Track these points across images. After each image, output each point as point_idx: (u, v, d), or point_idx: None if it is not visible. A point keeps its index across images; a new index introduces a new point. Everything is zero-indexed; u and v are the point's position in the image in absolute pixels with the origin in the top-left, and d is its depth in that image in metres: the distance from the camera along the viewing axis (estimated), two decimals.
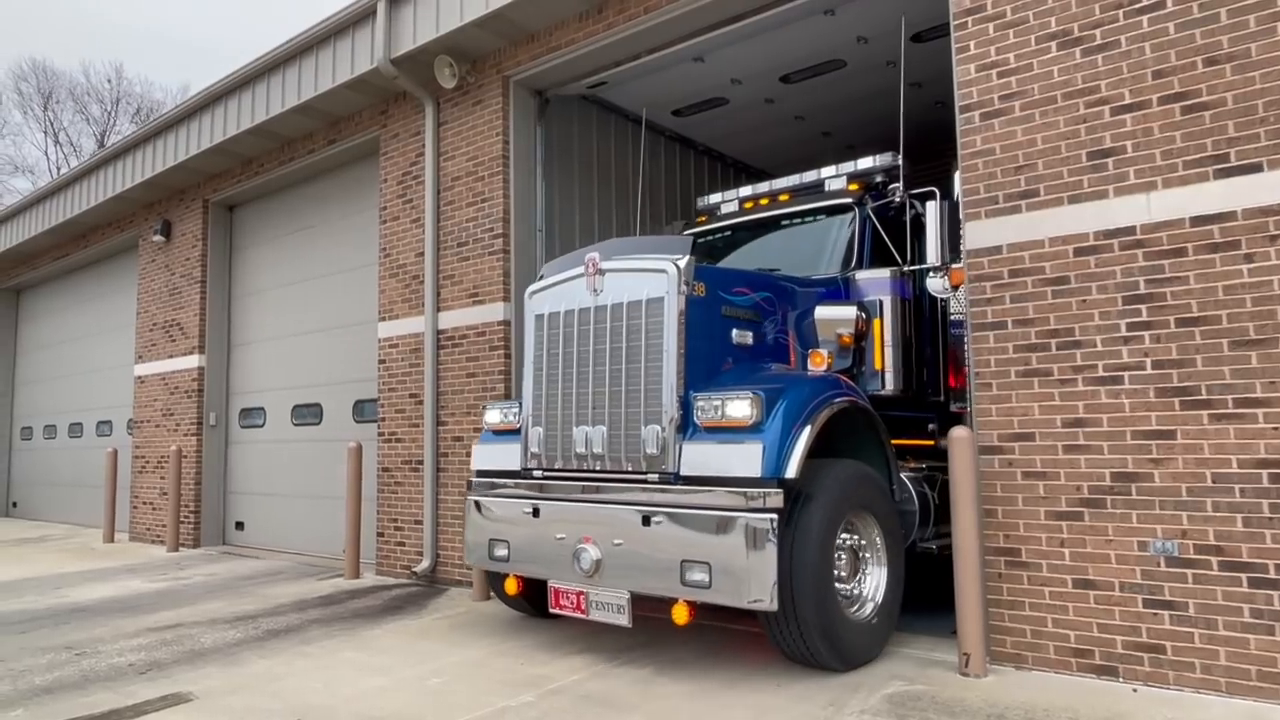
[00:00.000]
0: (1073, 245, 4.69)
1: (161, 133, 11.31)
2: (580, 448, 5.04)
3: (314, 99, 8.95)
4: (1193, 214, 4.36)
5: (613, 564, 4.65)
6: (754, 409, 4.38)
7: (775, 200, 6.65)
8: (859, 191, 6.14)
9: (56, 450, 15.58)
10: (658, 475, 4.65)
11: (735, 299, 5.18)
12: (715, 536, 4.29)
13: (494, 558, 5.36)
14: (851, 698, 4.25)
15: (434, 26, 7.64)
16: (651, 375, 4.77)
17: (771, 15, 6.60)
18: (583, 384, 5.08)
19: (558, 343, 5.26)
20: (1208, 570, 4.20)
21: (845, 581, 4.72)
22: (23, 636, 6.14)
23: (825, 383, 4.90)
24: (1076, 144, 4.72)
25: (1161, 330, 4.41)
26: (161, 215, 12.22)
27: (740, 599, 4.22)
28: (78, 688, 4.82)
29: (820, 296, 5.73)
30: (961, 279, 5.27)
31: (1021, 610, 4.70)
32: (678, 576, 4.36)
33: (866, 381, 5.61)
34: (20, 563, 10.15)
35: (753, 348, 5.24)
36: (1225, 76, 4.31)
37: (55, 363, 15.92)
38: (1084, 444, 4.59)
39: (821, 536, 4.37)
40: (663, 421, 4.68)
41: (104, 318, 14.45)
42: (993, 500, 4.83)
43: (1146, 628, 4.34)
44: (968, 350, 5.10)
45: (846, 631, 4.52)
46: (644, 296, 4.85)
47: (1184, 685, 4.21)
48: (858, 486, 4.78)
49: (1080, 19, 4.74)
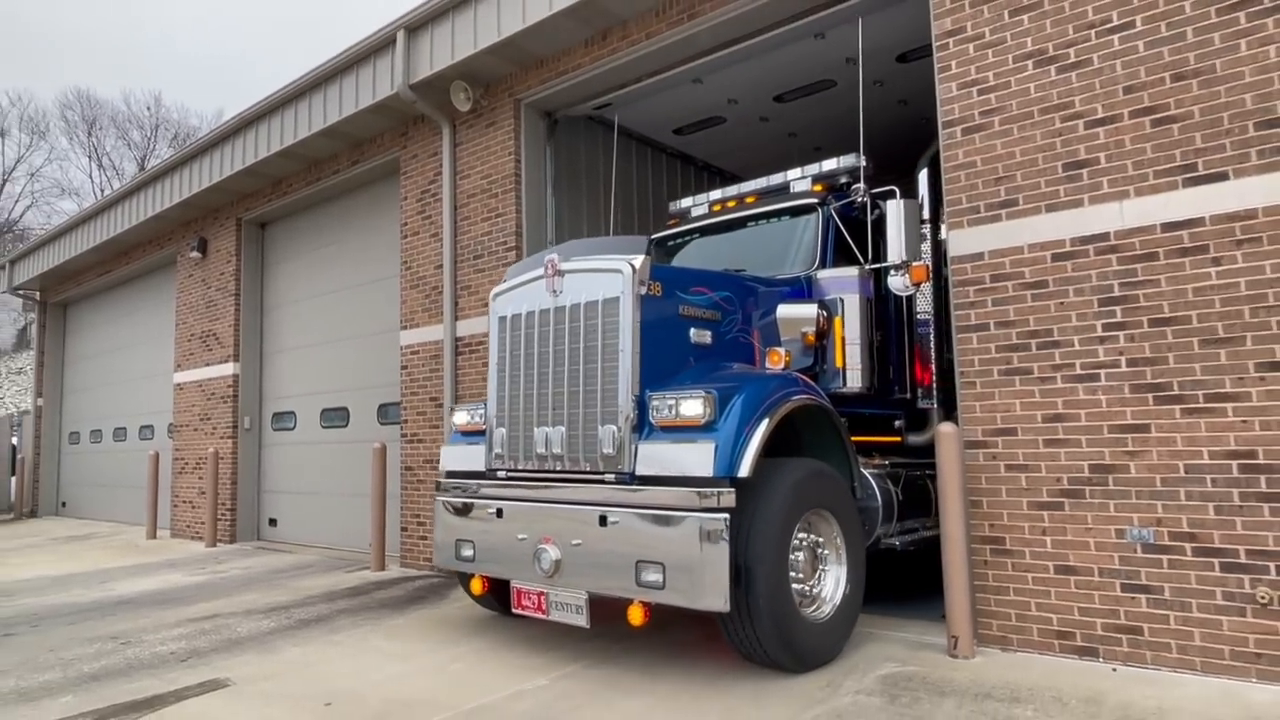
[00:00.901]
0: (1050, 251, 4.69)
1: (197, 156, 11.38)
2: (541, 448, 4.83)
3: (338, 123, 9.00)
4: (1163, 220, 4.35)
5: (571, 564, 4.43)
6: (707, 407, 4.18)
7: (742, 202, 6.41)
8: (823, 192, 5.93)
9: (102, 453, 15.64)
10: (614, 475, 4.42)
11: (693, 298, 4.94)
12: (668, 537, 4.06)
13: (460, 558, 5.13)
14: (846, 679, 4.25)
15: (449, 54, 7.68)
16: (608, 375, 4.56)
17: (765, 39, 6.62)
18: (543, 385, 4.87)
19: (520, 344, 5.06)
20: (1182, 556, 4.19)
21: (803, 581, 4.44)
22: (72, 627, 6.16)
23: (781, 380, 4.68)
24: (1053, 156, 4.71)
25: (1135, 330, 4.40)
26: (198, 233, 12.28)
27: (693, 600, 3.96)
28: (123, 675, 4.84)
29: (783, 296, 5.51)
30: (922, 276, 5.20)
31: (1006, 595, 4.69)
32: (633, 577, 4.13)
33: (828, 380, 5.37)
34: (69, 559, 10.20)
35: (712, 347, 4.98)
36: (1192, 91, 4.31)
37: (100, 372, 16.00)
38: (1063, 438, 4.58)
39: (777, 536, 4.13)
40: (619, 421, 4.46)
41: (145, 329, 14.52)
42: (978, 492, 4.82)
43: (1125, 610, 4.32)
44: (955, 351, 5.07)
45: (803, 633, 4.27)
46: (600, 296, 4.64)
47: (1161, 665, 4.20)
48: (815, 484, 4.53)
49: (1055, 38, 4.74)
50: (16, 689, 4.62)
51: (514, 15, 7.15)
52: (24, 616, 6.64)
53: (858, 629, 5.20)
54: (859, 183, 5.75)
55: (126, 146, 48.33)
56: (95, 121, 47.67)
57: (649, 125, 8.93)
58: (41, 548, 11.55)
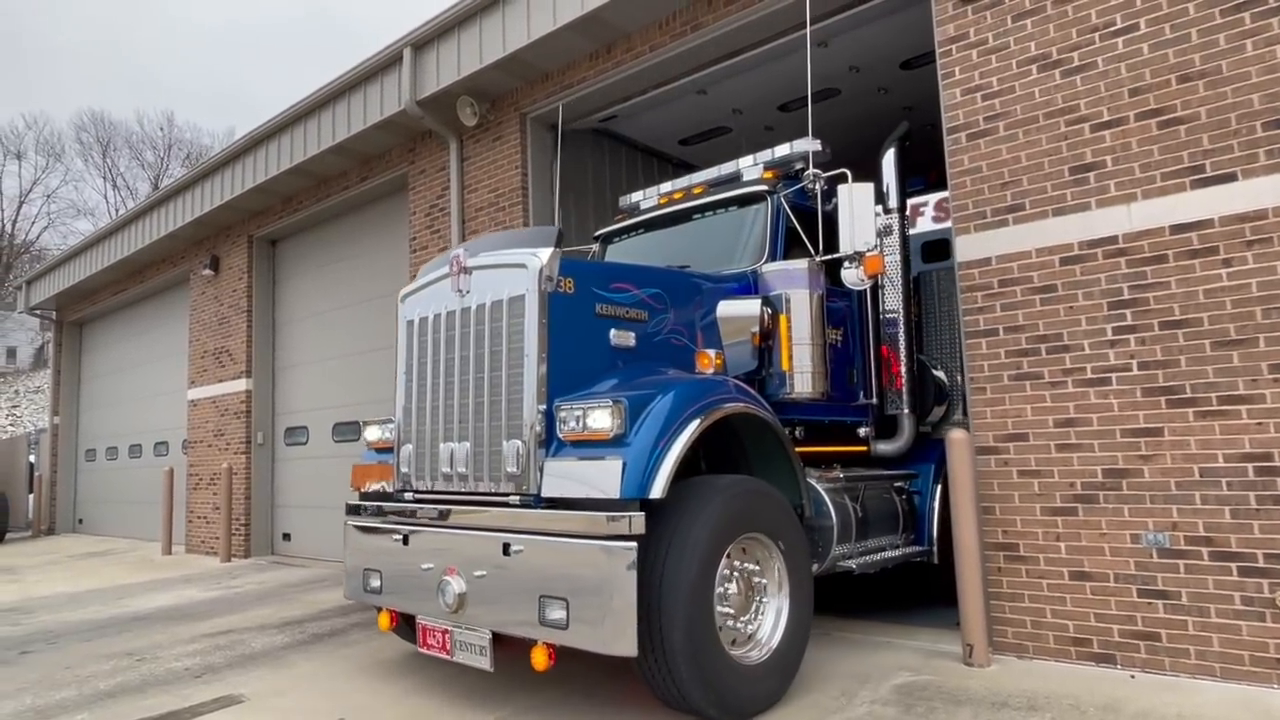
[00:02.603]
0: (1058, 255, 4.66)
1: (209, 175, 11.47)
2: (446, 466, 4.27)
3: (347, 140, 9.05)
4: (1172, 223, 4.31)
5: (476, 598, 3.84)
6: (615, 419, 3.61)
7: (690, 194, 5.81)
8: (774, 180, 5.35)
9: (118, 470, 15.71)
10: (519, 497, 3.86)
11: (613, 296, 4.38)
12: (571, 568, 3.50)
13: (369, 589, 4.54)
14: (861, 688, 4.20)
15: (456, 70, 7.73)
16: (513, 384, 4.02)
17: (768, 49, 6.63)
18: (449, 396, 4.34)
19: (426, 351, 4.52)
20: (1199, 560, 4.13)
21: (735, 617, 3.85)
22: (88, 644, 6.17)
23: (707, 386, 4.13)
24: (1059, 160, 4.69)
25: (1146, 333, 4.36)
26: (210, 251, 12.37)
27: (599, 643, 3.39)
28: (138, 691, 4.83)
29: (728, 292, 4.93)
30: (877, 268, 4.78)
31: (1021, 602, 4.64)
32: (536, 614, 3.55)
33: (775, 384, 4.79)
34: (86, 575, 10.24)
35: (638, 350, 4.41)
36: (1199, 92, 4.28)
37: (115, 389, 16.09)
38: (1075, 442, 4.53)
39: (698, 566, 3.54)
40: (524, 435, 3.91)
41: (159, 347, 14.59)
42: (990, 498, 4.77)
43: (1142, 616, 4.27)
44: (964, 356, 5.03)
45: (732, 678, 3.66)
46: (505, 296, 4.11)
47: (1180, 671, 4.14)
48: (749, 505, 3.93)
49: (1059, 43, 4.72)
50: (33, 707, 4.63)
51: (519, 31, 7.18)
52: (41, 634, 6.66)
53: (870, 637, 5.19)
54: (816, 168, 5.15)
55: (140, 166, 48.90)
56: (109, 142, 48.27)
57: (654, 136, 8.94)
58: (59, 565, 11.61)
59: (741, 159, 5.71)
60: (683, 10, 6.68)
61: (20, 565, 11.75)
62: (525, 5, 7.13)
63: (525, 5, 7.13)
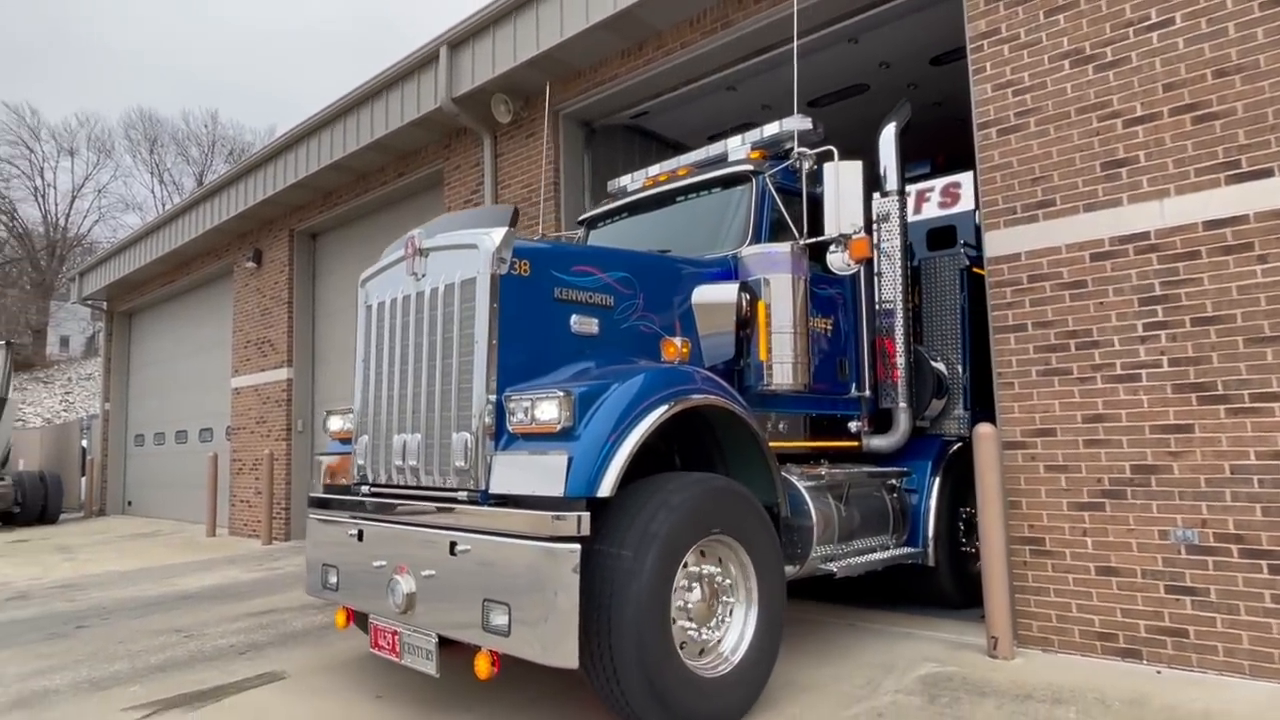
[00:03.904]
0: (1089, 251, 4.58)
1: (252, 171, 11.66)
2: (399, 459, 3.99)
3: (385, 136, 9.16)
4: (1205, 218, 4.22)
5: (425, 599, 3.56)
6: (564, 411, 3.31)
7: (675, 175, 5.44)
8: (760, 160, 4.98)
9: (165, 455, 16.05)
10: (467, 493, 3.57)
11: (575, 280, 4.05)
12: (514, 571, 3.21)
13: (326, 585, 4.28)
14: (886, 678, 4.18)
15: (490, 67, 7.77)
16: (464, 372, 3.72)
17: (800, 45, 6.56)
18: (404, 385, 4.05)
19: (384, 338, 4.24)
20: (1228, 558, 4.06)
21: (697, 626, 3.53)
22: (139, 621, 6.34)
23: (670, 376, 3.72)
24: (1090, 156, 4.60)
25: (1177, 329, 4.27)
26: (253, 244, 12.58)
27: (538, 652, 3.09)
28: (186, 666, 4.95)
29: (707, 278, 4.56)
30: (864, 252, 4.46)
31: (1047, 596, 4.59)
32: (480, 619, 3.27)
33: (752, 375, 4.44)
34: (136, 555, 10.50)
35: (602, 337, 4.08)
36: (1235, 87, 4.18)
37: (162, 377, 16.43)
38: (1104, 438, 4.47)
39: (652, 571, 3.20)
40: (473, 427, 3.61)
41: (204, 336, 14.86)
42: (1017, 493, 4.72)
43: (1169, 613, 4.20)
44: (992, 351, 4.94)
45: (689, 694, 3.33)
46: (458, 279, 3.81)
47: (1207, 668, 4.07)
48: (713, 504, 3.56)
49: (1092, 38, 4.63)
50: (89, 679, 4.77)
51: (552, 29, 7.20)
52: (95, 610, 6.85)
53: (894, 628, 5.16)
54: (806, 147, 4.85)
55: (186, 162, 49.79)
56: (157, 139, 49.19)
57: (685, 132, 8.90)
58: (110, 544, 11.92)
59: (730, 139, 5.35)
60: (713, 8, 6.65)
61: (74, 544, 12.09)
62: (559, 3, 7.15)
63: (559, 3, 7.15)
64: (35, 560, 10.35)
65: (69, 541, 12.50)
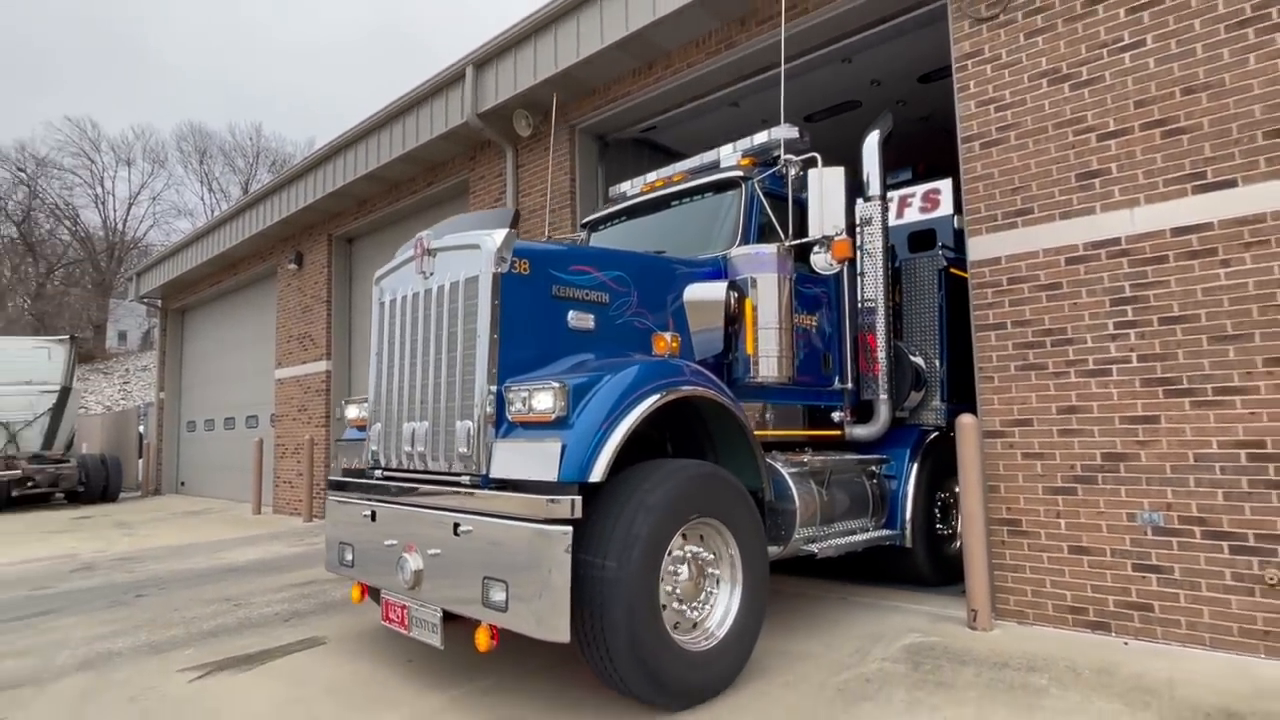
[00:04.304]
0: (1064, 255, 4.56)
1: (293, 180, 11.71)
2: (408, 445, 3.97)
3: (415, 149, 9.17)
4: (1173, 225, 4.20)
5: (431, 576, 3.56)
6: (558, 401, 3.29)
7: (671, 181, 5.37)
8: (749, 166, 4.92)
9: (214, 440, 16.15)
10: (469, 478, 3.56)
11: (572, 278, 4.00)
12: (511, 551, 3.19)
13: (343, 563, 4.28)
14: (874, 647, 4.20)
15: (512, 85, 7.78)
16: (467, 364, 3.70)
17: (796, 65, 6.55)
18: (413, 376, 4.04)
19: (395, 332, 4.23)
20: (1191, 539, 4.05)
21: (684, 603, 3.50)
22: (191, 590, 6.40)
23: (659, 369, 3.66)
24: (1066, 167, 4.58)
25: (1146, 328, 4.26)
26: (295, 248, 12.63)
27: (534, 627, 3.06)
28: (235, 632, 5.00)
29: (700, 277, 4.52)
30: (845, 253, 4.42)
31: (1023, 573, 4.59)
32: (480, 595, 3.27)
33: (740, 368, 4.37)
34: (188, 531, 10.60)
35: (598, 332, 4.02)
36: (1202, 104, 4.15)
37: (212, 369, 16.53)
38: (1077, 428, 4.46)
39: (641, 551, 3.18)
40: (475, 416, 3.59)
41: (249, 332, 14.93)
42: (996, 478, 4.72)
43: (1136, 589, 4.19)
44: (974, 347, 4.93)
45: (676, 666, 3.29)
46: (462, 277, 3.79)
47: (1171, 640, 4.07)
48: (700, 490, 3.52)
49: (1069, 58, 4.60)
50: (148, 642, 4.83)
51: (569, 50, 7.21)
52: (152, 580, 6.93)
53: (882, 601, 5.16)
54: (793, 155, 4.79)
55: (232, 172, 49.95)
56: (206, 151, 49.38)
57: (691, 145, 8.84)
58: (164, 521, 12.03)
59: (723, 147, 5.26)
60: (717, 30, 6.64)
61: (132, 521, 12.20)
62: (575, 26, 7.14)
63: (575, 26, 7.14)
64: (98, 535, 10.46)
65: (128, 518, 12.63)
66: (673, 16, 6.42)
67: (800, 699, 3.49)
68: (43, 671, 4.32)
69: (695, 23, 6.54)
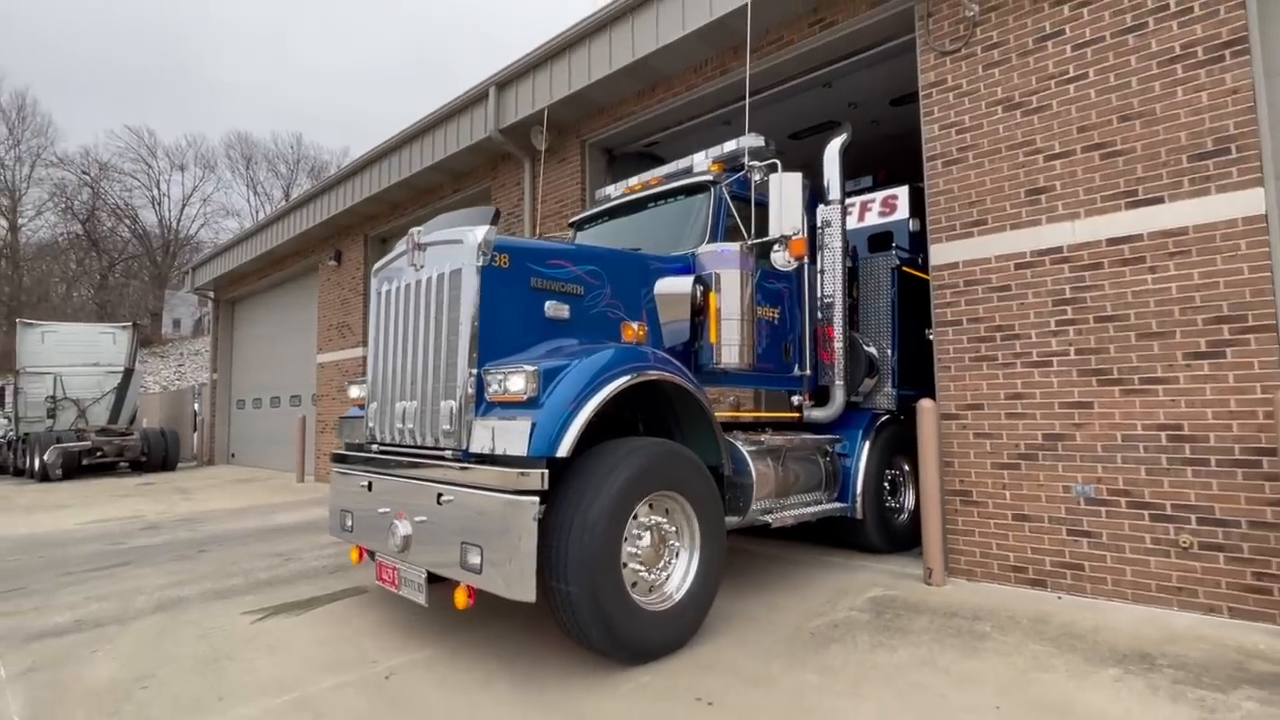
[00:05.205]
0: (1013, 261, 4.66)
1: (333, 187, 11.77)
2: (400, 423, 3.93)
3: (443, 160, 9.23)
4: (1108, 236, 4.30)
5: (418, 540, 3.53)
6: (530, 383, 3.26)
7: (649, 185, 5.28)
8: (719, 172, 4.84)
9: (262, 416, 16.27)
10: (452, 452, 3.53)
11: (549, 271, 3.91)
12: (486, 519, 3.18)
13: (344, 528, 4.26)
14: (843, 599, 4.33)
15: (530, 104, 7.84)
16: (451, 349, 3.65)
17: (783, 89, 6.64)
18: (404, 359, 3.99)
19: (390, 319, 4.17)
20: (1118, 508, 4.18)
21: (646, 567, 3.48)
22: (247, 547, 6.53)
23: (624, 354, 3.58)
24: (1017, 184, 4.68)
25: (1083, 325, 4.37)
26: (335, 246, 12.69)
27: (504, 588, 3.06)
28: (288, 582, 5.14)
29: (670, 272, 4.44)
30: (802, 251, 4.39)
31: (972, 537, 4.72)
32: (458, 558, 3.25)
33: (705, 356, 4.30)
34: (241, 496, 10.75)
35: (573, 321, 3.94)
36: (1135, 130, 4.25)
37: (260, 354, 16.62)
38: (1021, 412, 4.58)
39: (603, 520, 3.16)
40: (457, 396, 3.56)
41: (294, 321, 15.01)
42: (950, 454, 4.84)
43: (1069, 551, 4.33)
44: (934, 341, 5.02)
45: (634, 623, 3.27)
46: (448, 269, 3.74)
47: (1098, 595, 4.21)
48: (660, 465, 3.47)
49: (1020, 88, 4.70)
50: (213, 590, 4.98)
51: (582, 74, 7.27)
52: (212, 538, 7.07)
53: (851, 561, 5.28)
54: (759, 161, 4.67)
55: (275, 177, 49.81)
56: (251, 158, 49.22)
57: None
58: (219, 488, 12.17)
59: (696, 154, 5.21)
60: (712, 58, 6.71)
61: (190, 487, 12.35)
62: (587, 53, 7.21)
63: (587, 53, 7.21)
64: (160, 499, 10.60)
65: (186, 485, 12.78)
66: (673, 45, 6.49)
67: (777, 642, 3.62)
68: (124, 612, 4.48)
69: (693, 51, 6.62)
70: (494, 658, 3.51)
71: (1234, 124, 3.93)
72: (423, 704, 3.01)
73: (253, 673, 3.41)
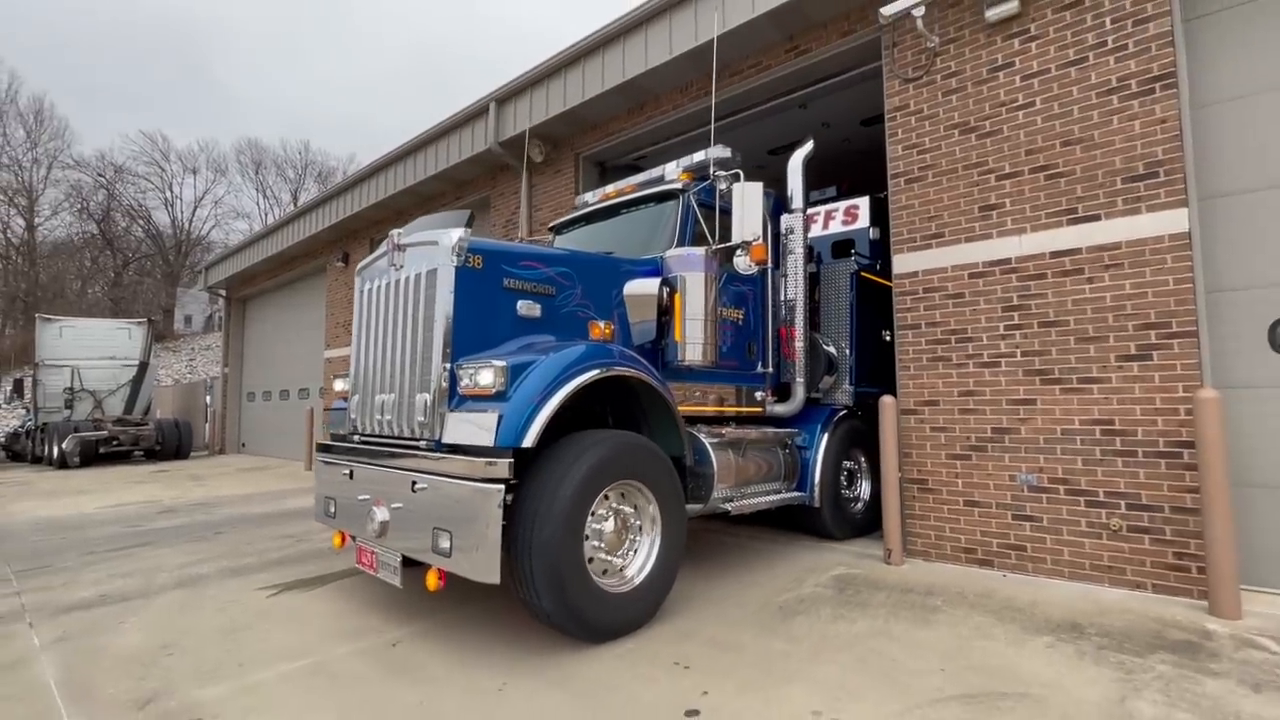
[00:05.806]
0: (967, 271, 4.79)
1: (341, 193, 11.76)
2: (379, 414, 3.89)
3: (446, 169, 9.28)
4: (1051, 250, 4.44)
5: (395, 526, 3.51)
6: (498, 377, 3.26)
7: (623, 192, 5.27)
8: (688, 180, 4.83)
9: (271, 408, 16.17)
10: (426, 442, 3.50)
11: (521, 272, 3.86)
12: (455, 505, 3.16)
13: (328, 514, 4.20)
14: (809, 576, 4.45)
15: (528, 119, 7.92)
16: (427, 345, 3.62)
17: (762, 109, 6.76)
18: (384, 354, 3.95)
19: (371, 316, 4.12)
20: (1056, 495, 4.33)
21: (609, 552, 3.46)
22: (259, 529, 6.55)
23: (590, 351, 3.54)
24: (971, 201, 4.82)
25: (1028, 330, 4.51)
26: (342, 249, 12.67)
27: (471, 570, 3.05)
28: (298, 561, 5.18)
29: (639, 274, 4.40)
30: (762, 256, 4.36)
31: (928, 521, 4.85)
32: (430, 542, 3.24)
33: (671, 353, 4.27)
34: (251, 483, 10.71)
35: (544, 320, 3.90)
36: (1076, 154, 4.39)
37: (269, 350, 16.52)
38: (973, 408, 4.71)
39: (567, 507, 3.14)
40: (431, 390, 3.52)
41: (302, 318, 14.96)
42: (909, 446, 4.97)
43: (1013, 534, 4.47)
44: (895, 343, 5.12)
45: (596, 605, 3.26)
46: (424, 269, 3.72)
47: (1039, 574, 4.35)
48: (623, 455, 3.44)
49: (975, 113, 4.84)
50: (229, 568, 5.03)
51: (576, 92, 7.36)
52: (226, 521, 7.08)
53: (820, 543, 5.37)
54: (725, 171, 4.73)
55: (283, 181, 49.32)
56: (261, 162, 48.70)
57: None
58: (230, 475, 12.11)
59: (668, 164, 5.19)
60: (697, 79, 6.81)
61: (204, 474, 12.29)
62: (581, 73, 7.30)
63: (581, 73, 7.30)
64: (175, 485, 10.56)
65: (199, 472, 12.71)
66: (661, 68, 6.60)
67: (748, 614, 3.74)
68: (147, 588, 4.53)
69: (679, 73, 6.72)
70: (489, 630, 3.61)
71: (1162, 150, 4.09)
72: (424, 669, 3.11)
73: (269, 641, 3.49)
